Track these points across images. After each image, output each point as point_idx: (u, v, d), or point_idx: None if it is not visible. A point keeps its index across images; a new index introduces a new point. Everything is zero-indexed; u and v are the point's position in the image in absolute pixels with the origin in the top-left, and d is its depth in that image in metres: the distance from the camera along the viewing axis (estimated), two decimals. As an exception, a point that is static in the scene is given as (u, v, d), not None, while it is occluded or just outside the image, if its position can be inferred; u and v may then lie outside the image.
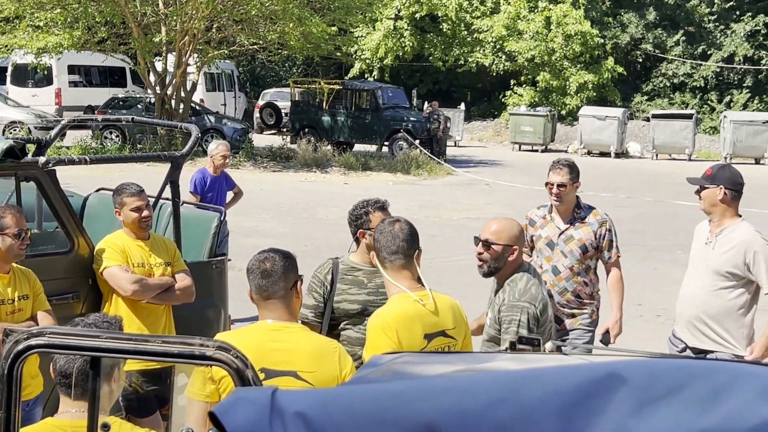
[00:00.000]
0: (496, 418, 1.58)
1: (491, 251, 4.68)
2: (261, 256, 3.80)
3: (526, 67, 39.09)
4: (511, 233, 4.71)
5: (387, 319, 3.94)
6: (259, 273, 3.74)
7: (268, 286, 3.72)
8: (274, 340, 3.58)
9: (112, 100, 29.78)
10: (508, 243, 4.67)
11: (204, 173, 10.47)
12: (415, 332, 3.96)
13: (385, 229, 4.16)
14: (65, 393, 3.24)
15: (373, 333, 3.94)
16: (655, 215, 18.48)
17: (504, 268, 4.71)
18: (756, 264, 5.61)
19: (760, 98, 39.24)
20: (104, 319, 3.47)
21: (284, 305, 3.75)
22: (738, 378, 1.60)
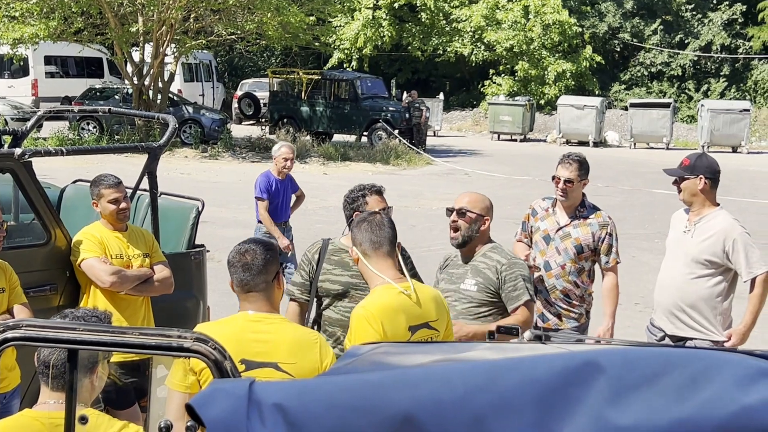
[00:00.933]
0: (474, 407, 1.58)
1: (466, 218, 4.95)
2: (242, 249, 3.78)
3: (505, 56, 39.11)
4: (483, 204, 5.03)
5: (372, 310, 3.92)
6: (240, 266, 3.72)
7: (249, 280, 3.71)
8: (255, 331, 3.58)
9: (89, 90, 29.60)
10: (480, 212, 4.97)
11: (269, 177, 9.78)
12: (400, 324, 3.96)
13: (366, 219, 4.17)
14: (45, 383, 3.23)
15: (357, 324, 3.92)
16: (633, 204, 18.57)
17: (475, 239, 4.98)
18: (735, 252, 5.64)
19: (737, 87, 39.45)
20: (93, 314, 3.45)
21: (265, 297, 3.74)
22: (714, 366, 1.60)
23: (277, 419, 1.58)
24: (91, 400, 3.34)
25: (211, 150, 26.18)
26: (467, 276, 4.98)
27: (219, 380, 2.06)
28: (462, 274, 5.02)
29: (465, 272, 5.01)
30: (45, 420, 3.13)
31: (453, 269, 5.12)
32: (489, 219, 5.01)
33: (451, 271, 5.13)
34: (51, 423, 3.11)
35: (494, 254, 4.97)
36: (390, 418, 1.58)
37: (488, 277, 4.91)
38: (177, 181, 17.85)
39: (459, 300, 4.98)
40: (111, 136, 26.15)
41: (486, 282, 4.91)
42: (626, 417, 1.54)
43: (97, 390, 3.38)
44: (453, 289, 5.02)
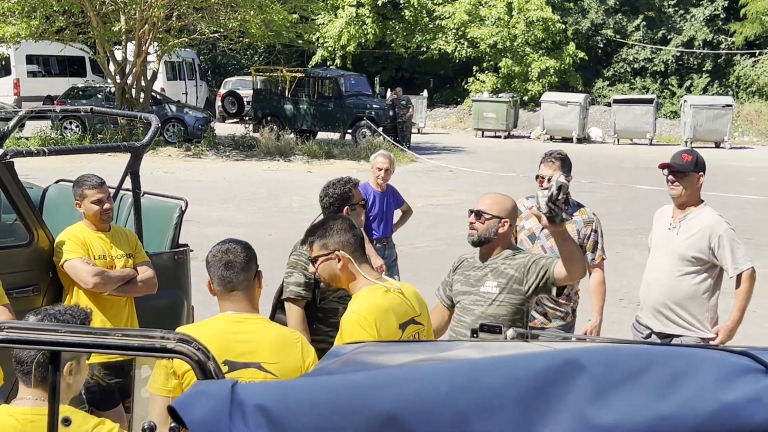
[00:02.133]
0: (457, 406, 1.59)
1: (482, 220, 4.80)
2: (222, 248, 3.76)
3: (489, 53, 39.15)
4: (502, 206, 4.85)
5: (364, 314, 3.88)
6: (222, 265, 3.70)
7: (231, 278, 3.69)
8: (237, 332, 3.56)
9: (72, 90, 29.48)
10: (498, 215, 4.80)
11: (366, 188, 8.61)
12: (391, 323, 3.95)
13: (343, 222, 4.14)
14: (22, 380, 3.22)
15: (351, 329, 3.86)
16: (617, 200, 18.62)
17: (494, 241, 4.81)
18: (721, 248, 5.66)
19: (720, 82, 39.63)
20: (68, 311, 3.42)
21: (246, 296, 3.72)
22: (695, 363, 1.61)
23: (259, 420, 1.58)
24: (68, 399, 3.33)
25: (195, 149, 26.12)
26: (487, 278, 4.80)
27: (201, 382, 2.05)
28: (481, 276, 4.84)
29: (485, 274, 4.83)
30: (20, 416, 3.13)
31: (470, 271, 4.92)
32: (509, 221, 4.82)
33: (468, 273, 4.92)
34: (25, 419, 3.10)
35: (518, 256, 4.82)
36: (373, 418, 1.58)
37: (510, 275, 4.72)
38: (160, 181, 17.80)
39: (477, 303, 4.81)
40: (94, 136, 26.03)
41: (509, 280, 4.72)
42: (608, 415, 1.54)
43: (75, 388, 3.37)
44: (472, 291, 4.85)
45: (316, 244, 4.09)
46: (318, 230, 4.14)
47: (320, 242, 4.07)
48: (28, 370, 3.16)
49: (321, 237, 4.08)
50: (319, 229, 4.14)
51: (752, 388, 1.56)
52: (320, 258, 4.07)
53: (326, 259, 4.05)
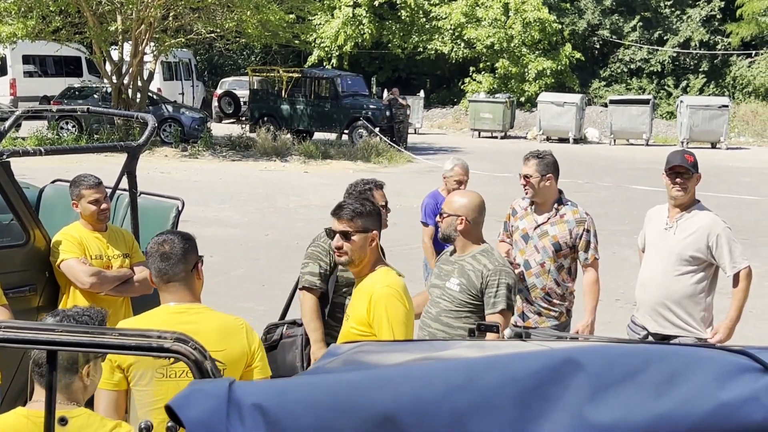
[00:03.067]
0: (454, 406, 1.58)
1: (442, 219, 5.09)
2: (159, 239, 3.82)
3: (485, 54, 39.15)
4: (460, 204, 5.07)
5: (396, 287, 4.18)
6: (158, 256, 3.75)
7: (167, 269, 3.73)
8: (180, 323, 3.51)
9: (68, 90, 29.44)
10: (455, 213, 5.02)
11: (436, 198, 8.44)
12: (410, 299, 4.27)
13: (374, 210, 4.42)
14: (38, 381, 3.24)
15: (389, 302, 4.12)
16: (613, 200, 18.63)
17: (458, 237, 5.04)
18: (719, 247, 5.67)
19: (716, 83, 39.65)
20: (85, 312, 3.43)
21: (185, 287, 3.76)
22: (693, 363, 1.61)
23: (256, 419, 1.58)
24: (84, 400, 3.34)
25: (191, 149, 26.10)
26: (453, 275, 5.02)
27: (198, 381, 2.05)
28: (449, 271, 5.07)
29: (452, 270, 5.05)
30: (35, 418, 3.13)
31: (444, 264, 5.19)
32: (464, 218, 5.00)
33: (442, 266, 5.20)
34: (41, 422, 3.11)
35: (483, 258, 4.99)
36: (370, 418, 1.58)
37: (471, 280, 4.95)
38: (157, 181, 17.79)
39: (442, 297, 5.06)
40: (90, 136, 26.01)
41: (468, 284, 4.95)
42: (605, 414, 1.54)
43: (90, 390, 3.37)
44: (440, 285, 5.10)
45: (358, 220, 4.23)
46: (359, 207, 4.30)
47: (362, 219, 4.24)
48: (45, 372, 3.17)
49: (362, 215, 4.26)
50: (360, 206, 4.31)
51: (750, 387, 1.56)
52: (358, 233, 4.23)
53: (362, 235, 4.23)
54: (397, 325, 4.06)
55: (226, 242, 13.67)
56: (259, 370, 3.76)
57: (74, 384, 3.17)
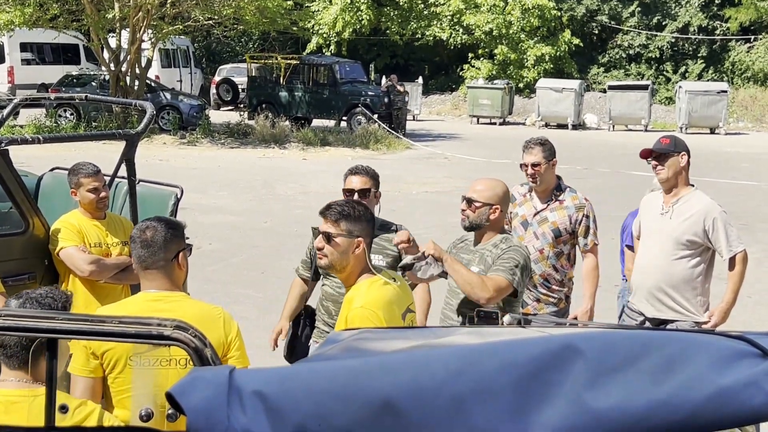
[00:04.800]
0: (454, 392, 1.59)
1: (472, 208, 4.87)
2: (143, 225, 3.81)
3: (484, 40, 39.08)
4: (493, 192, 4.91)
5: (371, 306, 3.89)
6: (139, 243, 3.74)
7: (147, 257, 3.73)
8: (156, 310, 3.50)
9: (66, 77, 29.36)
10: (488, 201, 4.86)
11: None
12: (395, 314, 3.99)
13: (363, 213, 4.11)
14: (4, 363, 3.23)
15: (360, 324, 3.78)
16: (612, 186, 18.63)
17: (486, 227, 4.90)
18: (715, 231, 5.69)
19: (715, 68, 39.60)
20: (49, 294, 3.41)
21: (165, 275, 3.75)
22: (692, 348, 1.62)
23: (257, 406, 1.58)
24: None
25: (190, 136, 26.07)
26: (473, 263, 4.88)
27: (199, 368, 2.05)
28: (470, 260, 4.94)
29: (473, 259, 4.93)
30: (3, 398, 3.13)
31: (463, 253, 5.03)
32: (499, 207, 4.89)
33: (461, 255, 5.03)
34: (8, 401, 3.12)
35: (503, 244, 4.87)
36: (370, 404, 1.59)
37: (489, 264, 4.80)
38: (155, 168, 17.78)
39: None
40: (88, 123, 25.97)
41: (487, 269, 4.79)
42: (604, 400, 1.55)
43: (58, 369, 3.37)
44: None
45: (343, 223, 4.00)
46: (346, 209, 4.06)
47: (348, 222, 4.00)
48: (12, 353, 3.17)
49: (348, 218, 4.01)
50: (347, 208, 4.06)
51: (749, 372, 1.56)
52: (341, 236, 4.00)
53: (346, 240, 3.99)
54: None
55: (225, 229, 13.67)
56: (235, 359, 3.73)
57: (40, 363, 3.18)
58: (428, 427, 1.57)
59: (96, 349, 3.57)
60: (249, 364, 3.84)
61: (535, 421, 1.56)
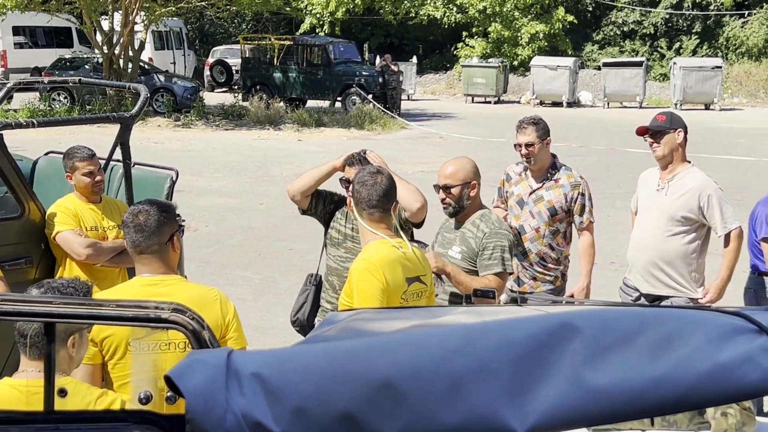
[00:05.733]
0: (451, 371, 1.59)
1: (451, 194, 4.95)
2: (135, 209, 3.79)
3: (478, 18, 38.95)
4: (465, 171, 4.99)
5: (373, 261, 4.03)
6: (132, 227, 3.73)
7: (141, 241, 3.72)
8: (153, 295, 3.51)
9: (59, 61, 29.27)
10: (465, 180, 4.94)
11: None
12: (398, 274, 4.08)
13: (366, 181, 4.19)
14: (23, 352, 3.24)
15: (361, 277, 4.02)
16: (608, 163, 18.64)
17: (468, 206, 4.99)
18: (710, 207, 5.71)
19: (709, 44, 39.51)
20: (70, 284, 3.42)
21: (159, 259, 3.75)
22: (688, 325, 1.62)
23: (255, 388, 1.59)
24: (71, 371, 3.35)
25: (184, 119, 26.00)
26: (455, 243, 5.00)
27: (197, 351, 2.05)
28: (451, 239, 5.05)
29: (454, 238, 5.03)
30: (23, 388, 3.14)
31: (447, 232, 5.15)
32: (476, 182, 4.98)
33: (445, 234, 5.16)
34: (29, 391, 3.11)
35: (481, 223, 4.95)
36: (369, 384, 1.59)
37: (471, 247, 4.92)
38: (150, 151, 17.75)
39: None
40: (82, 107, 25.90)
41: (469, 252, 4.93)
42: (602, 377, 1.55)
43: (76, 361, 3.38)
44: (443, 253, 5.04)
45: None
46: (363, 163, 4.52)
47: (355, 177, 4.27)
48: (31, 343, 3.18)
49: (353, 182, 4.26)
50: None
51: (745, 348, 1.57)
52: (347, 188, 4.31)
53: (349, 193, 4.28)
54: (366, 300, 3.94)
55: (221, 211, 13.67)
56: (233, 341, 3.75)
57: (60, 354, 3.18)
58: (427, 406, 1.58)
59: (95, 336, 3.57)
60: (246, 345, 3.86)
61: (533, 399, 1.56)
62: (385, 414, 1.58)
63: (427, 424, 1.58)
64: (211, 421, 1.57)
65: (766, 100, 34.36)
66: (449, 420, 1.58)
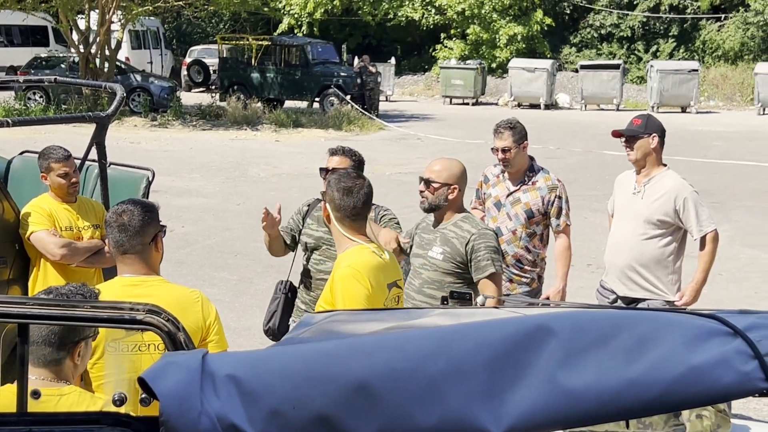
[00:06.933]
0: (428, 373, 1.59)
1: (431, 189, 4.92)
2: (119, 209, 3.76)
3: (456, 20, 39.00)
4: (450, 172, 4.94)
5: (357, 267, 4.00)
6: (116, 227, 3.70)
7: (124, 241, 3.69)
8: (134, 296, 3.48)
9: (35, 60, 29.06)
10: (447, 182, 4.90)
11: None
12: (381, 280, 4.07)
13: (349, 188, 4.14)
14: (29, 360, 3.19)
15: (346, 282, 3.98)
16: (585, 165, 18.71)
17: (445, 207, 4.93)
18: (686, 210, 5.73)
19: (686, 47, 39.73)
20: (78, 291, 3.39)
21: (142, 259, 3.73)
22: (664, 327, 1.63)
23: (230, 390, 1.58)
24: (74, 379, 3.31)
25: (161, 118, 25.89)
26: (435, 243, 4.94)
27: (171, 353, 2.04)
28: (431, 240, 4.99)
29: (434, 239, 4.97)
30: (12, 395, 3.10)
31: (424, 233, 5.09)
32: (457, 187, 4.92)
33: (423, 234, 5.10)
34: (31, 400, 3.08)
35: (465, 224, 4.92)
36: (344, 386, 1.59)
37: (455, 247, 4.86)
38: (126, 151, 17.67)
39: (424, 267, 4.97)
40: (58, 106, 25.74)
41: (453, 252, 4.87)
42: (577, 379, 1.55)
43: (80, 369, 3.34)
44: (422, 254, 5.01)
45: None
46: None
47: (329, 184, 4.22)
48: (33, 350, 3.14)
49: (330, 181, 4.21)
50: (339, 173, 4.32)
51: (720, 350, 1.57)
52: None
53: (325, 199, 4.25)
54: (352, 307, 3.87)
55: (198, 212, 13.62)
56: (214, 343, 3.72)
57: (65, 362, 3.15)
58: (403, 408, 1.58)
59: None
60: (227, 348, 3.83)
61: (509, 400, 1.56)
62: (361, 416, 1.58)
63: (403, 426, 1.58)
64: (185, 423, 1.56)
65: (741, 103, 34.58)
66: (425, 422, 1.57)
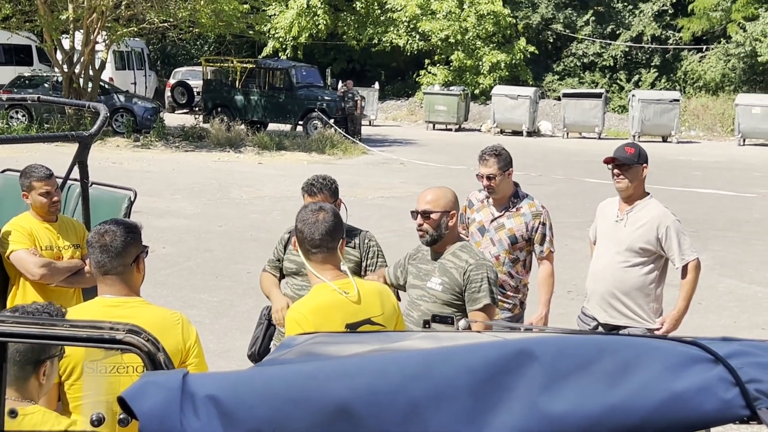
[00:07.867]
0: (409, 396, 1.59)
1: (430, 221, 4.79)
2: (101, 229, 3.73)
3: (440, 46, 39.21)
4: (446, 199, 4.86)
5: (303, 311, 3.87)
6: (98, 247, 3.67)
7: (106, 262, 3.66)
8: (113, 316, 3.43)
9: (18, 78, 28.96)
10: (445, 209, 4.80)
11: None
12: (334, 322, 3.83)
13: (308, 219, 3.98)
14: None
15: (289, 326, 3.88)
16: (566, 193, 18.77)
17: (446, 235, 4.82)
18: (668, 239, 5.75)
19: (668, 77, 40.07)
20: (45, 310, 3.36)
21: (123, 281, 3.70)
22: (645, 353, 1.63)
23: (211, 411, 1.57)
24: (39, 398, 3.28)
25: (144, 139, 25.86)
26: (434, 274, 4.82)
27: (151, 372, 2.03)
28: (429, 271, 4.86)
29: (432, 269, 4.85)
30: None
31: (422, 264, 4.95)
32: (455, 213, 4.85)
33: (420, 266, 4.95)
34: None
35: (463, 254, 4.81)
36: (325, 409, 1.58)
37: (454, 278, 4.75)
38: (109, 171, 17.61)
39: (423, 298, 4.84)
40: (41, 125, 25.66)
41: (452, 282, 4.75)
42: (559, 404, 1.55)
43: (45, 388, 3.31)
44: (420, 285, 4.88)
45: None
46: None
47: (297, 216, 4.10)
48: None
49: (298, 216, 4.08)
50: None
51: (702, 377, 1.58)
52: None
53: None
54: None
55: (179, 233, 13.57)
56: (194, 366, 3.67)
57: (30, 381, 3.12)
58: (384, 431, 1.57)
59: None
60: (207, 370, 3.79)
61: (490, 425, 1.56)
62: (341, 439, 1.57)
63: (383, 450, 1.57)
64: (164, 444, 1.55)
65: (722, 134, 34.83)
66: (406, 445, 1.57)
